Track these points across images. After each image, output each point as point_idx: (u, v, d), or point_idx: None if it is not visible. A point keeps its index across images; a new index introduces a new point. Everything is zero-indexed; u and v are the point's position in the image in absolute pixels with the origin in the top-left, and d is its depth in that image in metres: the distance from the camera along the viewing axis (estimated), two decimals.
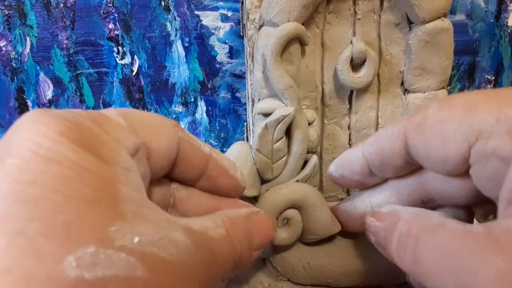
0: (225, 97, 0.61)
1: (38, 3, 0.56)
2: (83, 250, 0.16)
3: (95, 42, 0.58)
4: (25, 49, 0.58)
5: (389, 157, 0.27)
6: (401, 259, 0.22)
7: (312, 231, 0.34)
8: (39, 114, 0.19)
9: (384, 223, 0.25)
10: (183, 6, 0.56)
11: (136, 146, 0.22)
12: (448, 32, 0.36)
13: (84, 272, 0.16)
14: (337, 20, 0.38)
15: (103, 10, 0.56)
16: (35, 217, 0.16)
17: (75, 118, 0.20)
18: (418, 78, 0.38)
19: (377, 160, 0.28)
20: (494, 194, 0.22)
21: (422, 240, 0.21)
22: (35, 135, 0.18)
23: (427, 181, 0.27)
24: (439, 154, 0.23)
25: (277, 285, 0.36)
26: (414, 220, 0.23)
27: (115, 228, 0.18)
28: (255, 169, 0.39)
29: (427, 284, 0.20)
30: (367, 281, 0.35)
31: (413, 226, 0.22)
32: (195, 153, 0.27)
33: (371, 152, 0.28)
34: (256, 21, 0.38)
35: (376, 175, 0.29)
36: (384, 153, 0.27)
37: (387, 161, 0.27)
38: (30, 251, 0.16)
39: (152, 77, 0.60)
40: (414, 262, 0.21)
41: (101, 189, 0.18)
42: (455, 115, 0.23)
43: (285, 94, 0.37)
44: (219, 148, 0.64)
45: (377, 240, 0.26)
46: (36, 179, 0.17)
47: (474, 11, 0.56)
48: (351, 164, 0.30)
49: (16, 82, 0.59)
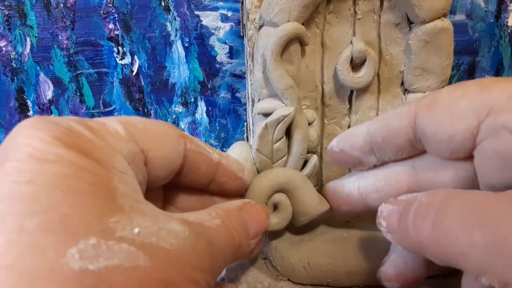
0: (225, 97, 0.61)
1: (38, 3, 0.56)
2: (85, 242, 0.17)
3: (95, 42, 0.58)
4: (25, 49, 0.58)
5: (394, 134, 0.27)
6: (417, 229, 0.22)
7: (302, 212, 0.35)
8: (35, 121, 0.20)
9: (399, 206, 0.25)
10: (183, 6, 0.56)
11: (132, 153, 0.22)
12: (448, 32, 0.36)
13: (87, 263, 0.16)
14: (337, 20, 0.38)
15: (103, 10, 0.56)
16: (35, 212, 0.17)
17: (70, 124, 0.20)
18: (418, 78, 0.38)
19: (381, 136, 0.28)
20: (496, 178, 0.22)
21: (447, 203, 0.21)
22: (31, 140, 0.18)
23: (419, 170, 0.28)
24: (447, 130, 0.24)
25: (277, 285, 0.36)
26: (436, 191, 0.23)
27: (115, 220, 0.18)
28: (255, 169, 0.39)
29: (447, 246, 0.20)
30: (367, 281, 0.35)
31: (436, 196, 0.22)
32: (204, 162, 0.27)
33: (376, 127, 0.28)
34: (256, 21, 0.38)
35: (374, 154, 0.29)
36: (390, 130, 0.27)
37: (390, 138, 0.27)
38: (31, 247, 0.16)
39: (152, 77, 0.60)
40: (434, 227, 0.21)
41: (98, 185, 0.19)
42: (468, 93, 0.24)
43: (285, 94, 0.37)
44: (219, 148, 0.64)
45: (389, 224, 0.25)
46: (33, 178, 0.17)
47: (474, 11, 0.56)
48: (353, 138, 0.30)
49: (16, 82, 0.59)
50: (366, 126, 0.29)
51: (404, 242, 0.24)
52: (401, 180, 0.29)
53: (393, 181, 0.29)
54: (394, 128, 0.27)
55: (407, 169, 0.28)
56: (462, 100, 0.24)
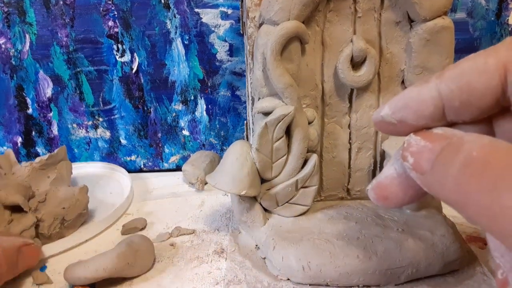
0: (225, 95, 0.61)
1: (37, 0, 0.56)
2: None
3: (95, 40, 0.58)
4: (25, 47, 0.58)
5: (478, 96, 0.22)
6: (462, 186, 0.19)
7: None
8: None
9: (434, 144, 0.21)
10: (183, 3, 0.56)
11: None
12: (449, 30, 0.36)
13: None
14: (338, 18, 0.38)
15: (103, 7, 0.56)
16: None
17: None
18: (419, 77, 0.38)
19: (459, 99, 0.23)
20: None
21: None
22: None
23: (502, 132, 0.23)
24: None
25: (277, 285, 0.36)
26: (493, 145, 0.19)
27: None
28: (255, 168, 0.39)
29: (507, 223, 0.18)
30: (367, 281, 0.35)
31: (495, 153, 0.19)
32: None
33: (452, 89, 0.23)
34: (256, 19, 0.38)
35: (446, 120, 0.24)
36: (472, 90, 0.22)
37: (473, 100, 0.22)
38: None
39: (152, 75, 0.59)
40: (494, 196, 0.18)
41: None
42: None
43: (285, 93, 0.37)
44: (219, 146, 0.64)
45: (417, 162, 0.22)
46: None
47: (475, 9, 0.56)
48: (420, 104, 0.24)
49: (15, 80, 0.59)
50: (435, 88, 0.23)
51: (435, 190, 0.21)
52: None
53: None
54: (478, 89, 0.22)
55: (485, 131, 0.24)
56: None
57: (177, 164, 0.65)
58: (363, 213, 0.41)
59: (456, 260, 0.36)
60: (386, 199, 0.25)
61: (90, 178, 0.58)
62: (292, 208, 0.40)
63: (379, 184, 0.25)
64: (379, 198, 0.25)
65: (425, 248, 0.35)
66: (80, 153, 0.64)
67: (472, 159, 0.19)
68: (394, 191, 0.24)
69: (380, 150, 0.41)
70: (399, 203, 0.24)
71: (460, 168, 0.19)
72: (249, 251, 0.40)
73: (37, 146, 0.63)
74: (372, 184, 0.25)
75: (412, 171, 0.22)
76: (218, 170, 0.40)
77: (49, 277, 0.39)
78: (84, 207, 0.47)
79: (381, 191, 0.25)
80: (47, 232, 0.43)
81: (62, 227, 0.44)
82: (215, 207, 0.50)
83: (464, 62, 0.23)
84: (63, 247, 0.43)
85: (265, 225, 0.40)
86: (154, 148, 0.64)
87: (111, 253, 0.37)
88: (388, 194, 0.25)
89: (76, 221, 0.46)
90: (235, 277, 0.37)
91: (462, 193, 0.19)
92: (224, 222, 0.47)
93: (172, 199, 0.53)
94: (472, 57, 0.22)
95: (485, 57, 0.22)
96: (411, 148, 0.22)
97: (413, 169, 0.22)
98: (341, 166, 0.42)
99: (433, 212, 0.39)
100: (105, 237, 0.46)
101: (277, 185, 0.40)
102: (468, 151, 0.19)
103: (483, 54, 0.22)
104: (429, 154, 0.21)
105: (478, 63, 0.22)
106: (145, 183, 0.58)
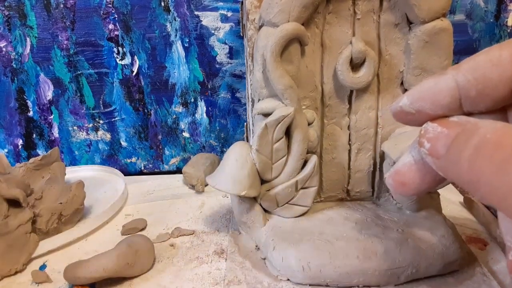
0: (225, 97, 0.61)
1: (38, 3, 0.56)
2: None
3: (95, 43, 0.58)
4: (25, 50, 0.58)
5: (493, 86, 0.23)
6: (475, 168, 0.20)
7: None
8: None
9: (450, 131, 0.22)
10: (183, 6, 0.56)
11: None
12: (448, 32, 0.36)
13: None
14: (337, 20, 0.38)
15: (103, 10, 0.56)
16: None
17: None
18: (417, 78, 0.38)
19: (476, 89, 0.24)
20: None
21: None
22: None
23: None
24: None
25: (277, 285, 0.36)
26: (505, 128, 0.20)
27: None
28: (255, 169, 0.39)
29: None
30: (367, 282, 0.35)
31: (505, 136, 0.19)
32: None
33: (469, 79, 0.24)
34: (256, 22, 0.38)
35: (462, 110, 0.25)
36: (487, 82, 0.23)
37: (488, 91, 0.23)
38: None
39: (152, 78, 0.60)
40: (501, 170, 0.19)
41: None
42: None
43: (284, 94, 0.37)
44: (219, 148, 0.64)
45: (433, 147, 0.23)
46: None
47: (473, 11, 0.56)
48: (437, 94, 0.25)
49: (16, 83, 0.59)
50: (453, 79, 0.24)
51: (450, 173, 0.21)
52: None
53: None
54: (494, 80, 0.23)
55: (500, 120, 0.24)
56: None
57: (177, 166, 0.65)
58: (363, 214, 0.41)
59: (456, 260, 0.36)
60: (404, 186, 0.25)
61: (85, 181, 0.58)
62: (292, 209, 0.41)
63: (397, 171, 0.26)
64: (397, 185, 0.25)
65: (425, 248, 0.35)
66: (80, 156, 0.64)
67: (485, 141, 0.20)
68: (412, 177, 0.25)
69: (380, 151, 0.41)
70: (416, 190, 0.25)
71: (473, 150, 0.20)
72: (249, 251, 0.40)
73: (38, 149, 0.63)
74: (390, 172, 0.26)
75: (428, 156, 0.23)
76: (218, 171, 0.40)
77: (49, 276, 0.39)
78: (81, 202, 0.47)
79: (399, 178, 0.25)
80: (45, 228, 0.43)
81: (60, 222, 0.44)
82: (215, 208, 0.51)
83: (479, 55, 0.24)
84: (60, 242, 0.44)
85: (265, 225, 0.40)
86: (155, 150, 0.64)
87: (111, 253, 0.37)
88: (406, 180, 0.25)
89: (73, 216, 0.46)
90: (235, 277, 0.37)
91: (474, 174, 0.20)
92: (224, 223, 0.47)
93: (172, 201, 0.53)
94: (487, 51, 0.23)
95: (500, 50, 0.23)
96: (427, 135, 0.23)
97: (429, 154, 0.23)
98: (341, 167, 0.43)
99: (432, 213, 0.39)
100: (105, 237, 0.46)
101: (277, 186, 0.40)
102: (483, 134, 0.20)
103: (497, 47, 0.23)
104: (445, 139, 0.22)
105: (492, 56, 0.23)
106: (145, 185, 0.58)
